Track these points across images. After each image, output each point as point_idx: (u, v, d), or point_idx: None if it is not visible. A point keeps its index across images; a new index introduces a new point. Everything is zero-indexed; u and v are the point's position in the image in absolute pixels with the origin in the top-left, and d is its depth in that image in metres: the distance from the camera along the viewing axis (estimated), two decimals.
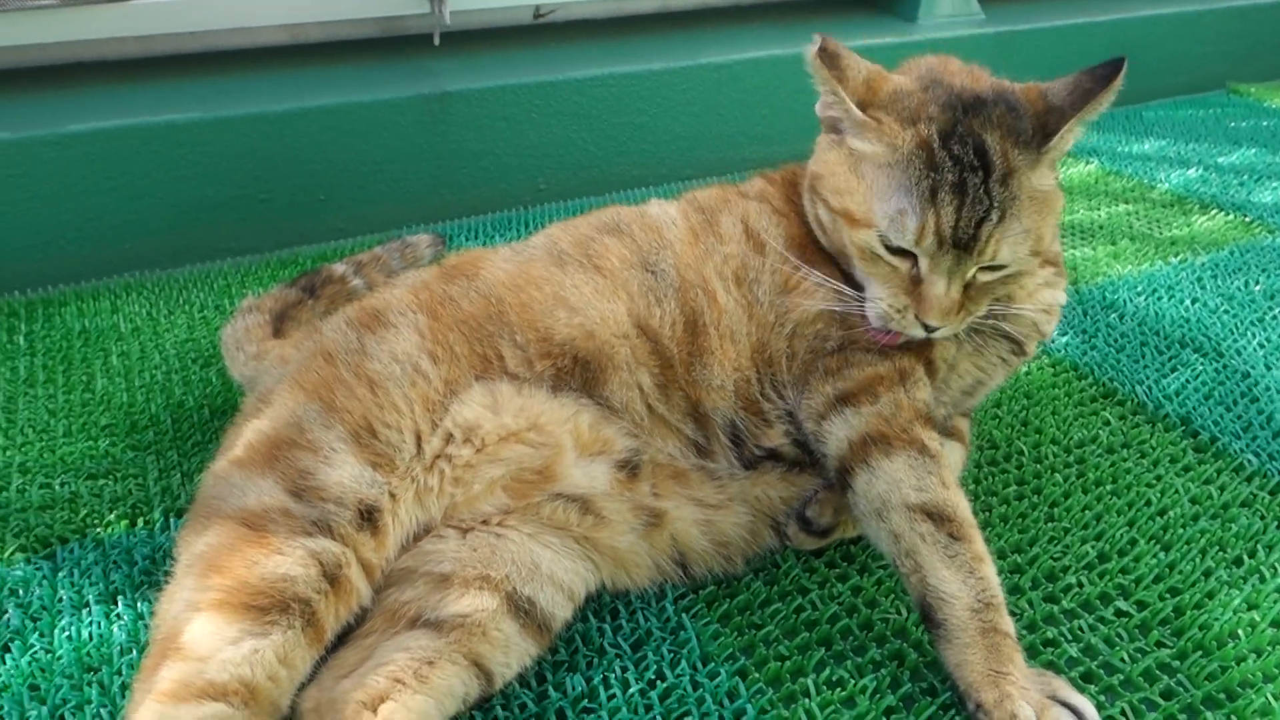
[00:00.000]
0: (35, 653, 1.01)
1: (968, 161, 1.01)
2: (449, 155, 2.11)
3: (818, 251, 1.13)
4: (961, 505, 1.00)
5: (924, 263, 1.03)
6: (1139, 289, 1.75)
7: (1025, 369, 1.51)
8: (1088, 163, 2.36)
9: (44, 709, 0.94)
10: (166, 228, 1.91)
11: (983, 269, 1.04)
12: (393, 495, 0.98)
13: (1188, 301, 1.70)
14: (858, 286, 1.10)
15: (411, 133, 2.04)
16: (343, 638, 0.96)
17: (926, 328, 1.05)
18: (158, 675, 0.83)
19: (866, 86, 1.08)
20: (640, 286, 1.12)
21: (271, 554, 0.89)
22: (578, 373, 1.08)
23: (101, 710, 0.95)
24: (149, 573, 1.11)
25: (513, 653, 0.96)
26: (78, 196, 1.84)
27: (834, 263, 1.12)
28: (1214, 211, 2.07)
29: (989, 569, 0.96)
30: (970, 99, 1.05)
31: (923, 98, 1.06)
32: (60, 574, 1.12)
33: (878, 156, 1.04)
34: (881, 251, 1.04)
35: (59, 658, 1.01)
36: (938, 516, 0.97)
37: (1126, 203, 2.14)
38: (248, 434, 1.02)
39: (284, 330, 1.34)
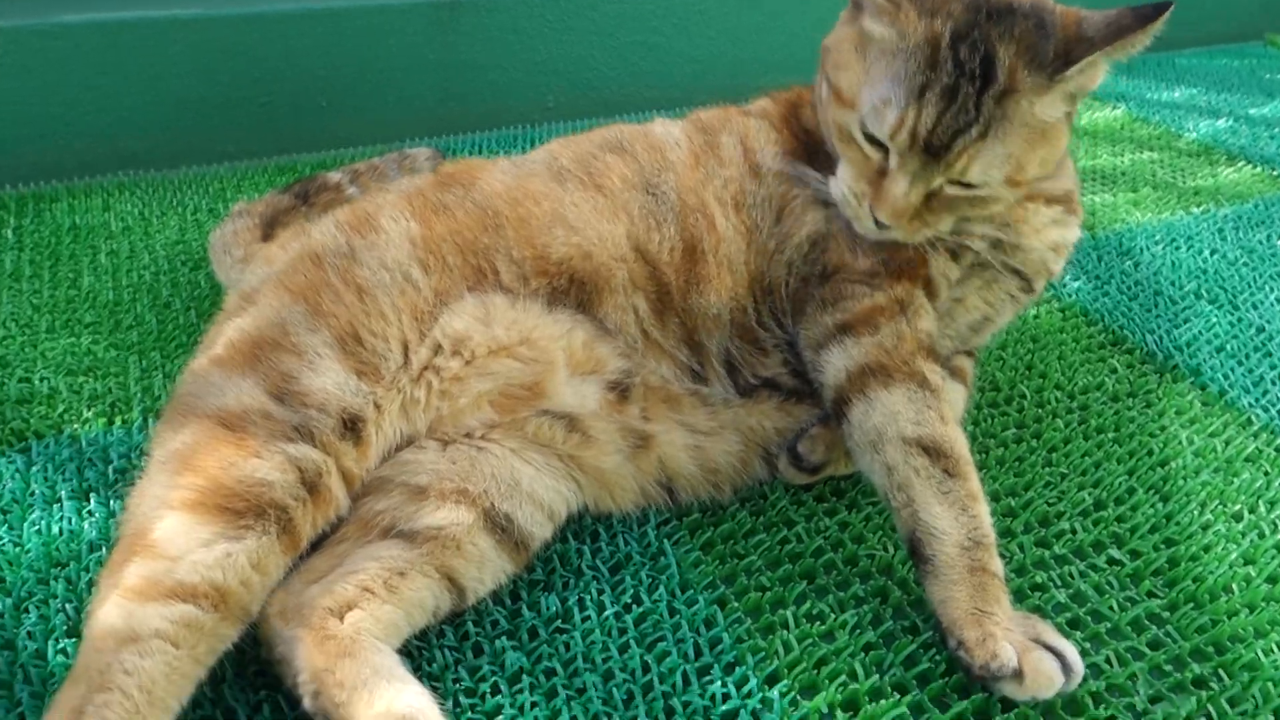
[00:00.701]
0: (2, 545, 1.00)
1: (969, 69, 0.96)
2: (456, 67, 2.04)
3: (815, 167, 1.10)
4: (959, 442, 0.97)
5: (894, 158, 1.00)
6: (1157, 238, 1.69)
7: (1033, 312, 1.46)
8: (1115, 108, 2.29)
9: (8, 601, 0.93)
10: (163, 127, 1.87)
11: (952, 183, 1.01)
12: (377, 406, 0.95)
13: (1206, 252, 1.65)
14: None
15: (419, 41, 1.98)
16: (315, 544, 0.94)
17: (877, 223, 1.02)
18: (124, 571, 0.80)
19: None
20: (641, 209, 1.08)
21: (249, 457, 0.86)
22: (573, 292, 1.05)
23: (67, 605, 0.93)
24: (124, 471, 1.09)
25: (487, 569, 0.94)
26: (72, 91, 1.79)
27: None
28: (1241, 163, 2.01)
29: (982, 508, 0.93)
30: (999, 6, 0.99)
31: None
32: (34, 468, 1.10)
33: (885, 42, 0.99)
34: (858, 136, 1.01)
35: (27, 551, 0.99)
36: (934, 451, 0.95)
37: (1152, 150, 2.08)
38: (229, 332, 0.99)
39: (274, 236, 1.30)
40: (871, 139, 1.00)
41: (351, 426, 0.93)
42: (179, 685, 0.77)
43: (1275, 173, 1.96)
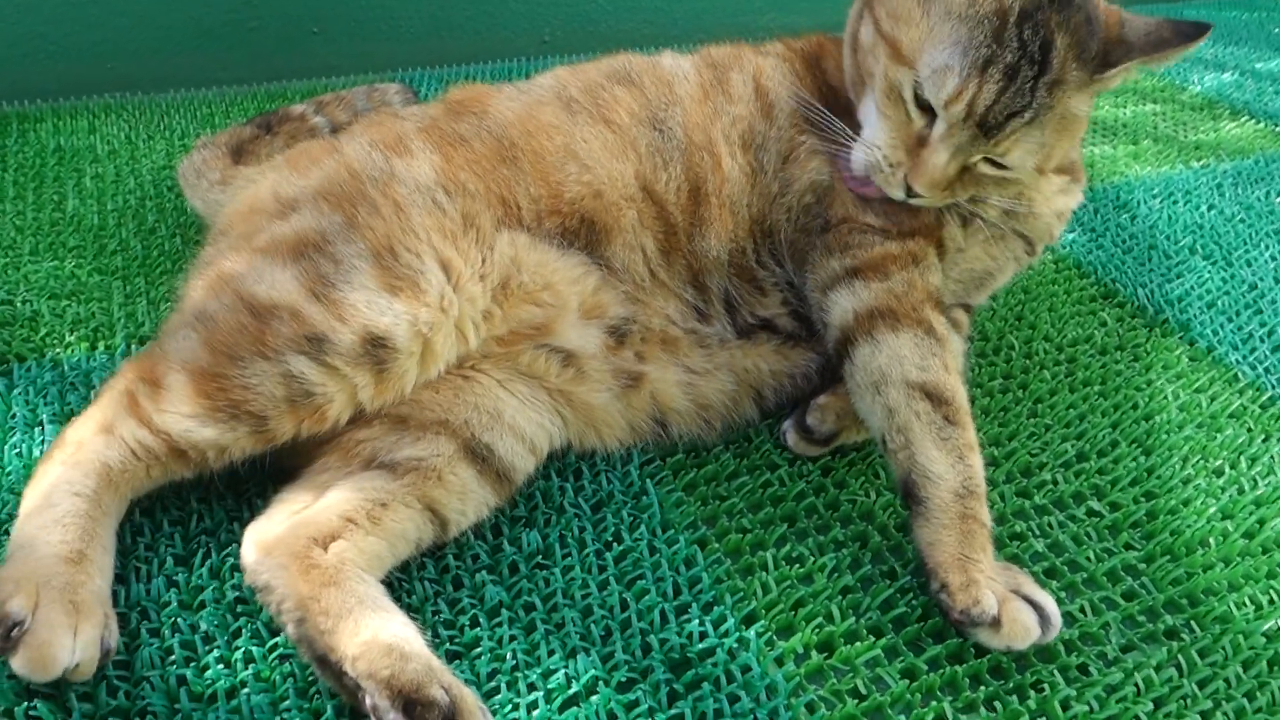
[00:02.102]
0: None
1: (1030, 52, 0.95)
2: None
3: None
4: (960, 392, 0.98)
5: (939, 128, 0.98)
6: (1155, 191, 1.68)
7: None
8: None
9: None
10: (151, 50, 1.83)
11: (986, 161, 1.00)
12: (417, 331, 0.92)
13: (1204, 208, 1.63)
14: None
15: None
16: (294, 468, 0.94)
17: (910, 191, 1.00)
18: (135, 387, 0.89)
19: None
20: (648, 147, 1.06)
21: (255, 358, 0.88)
22: (583, 233, 1.03)
23: None
24: None
25: (469, 500, 0.94)
26: (58, 9, 1.75)
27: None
28: (1244, 118, 1.99)
29: (977, 459, 0.94)
30: None
31: None
32: (15, 391, 1.09)
33: (954, 4, 0.97)
34: (908, 96, 0.99)
35: (8, 473, 0.99)
36: (936, 398, 0.95)
37: (1154, 103, 2.05)
38: (269, 233, 0.97)
39: (244, 162, 1.28)
40: (921, 103, 0.98)
41: (374, 352, 0.90)
42: (130, 477, 0.89)
43: (1278, 128, 1.94)
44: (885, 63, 1.00)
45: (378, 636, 0.79)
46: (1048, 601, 0.88)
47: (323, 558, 0.85)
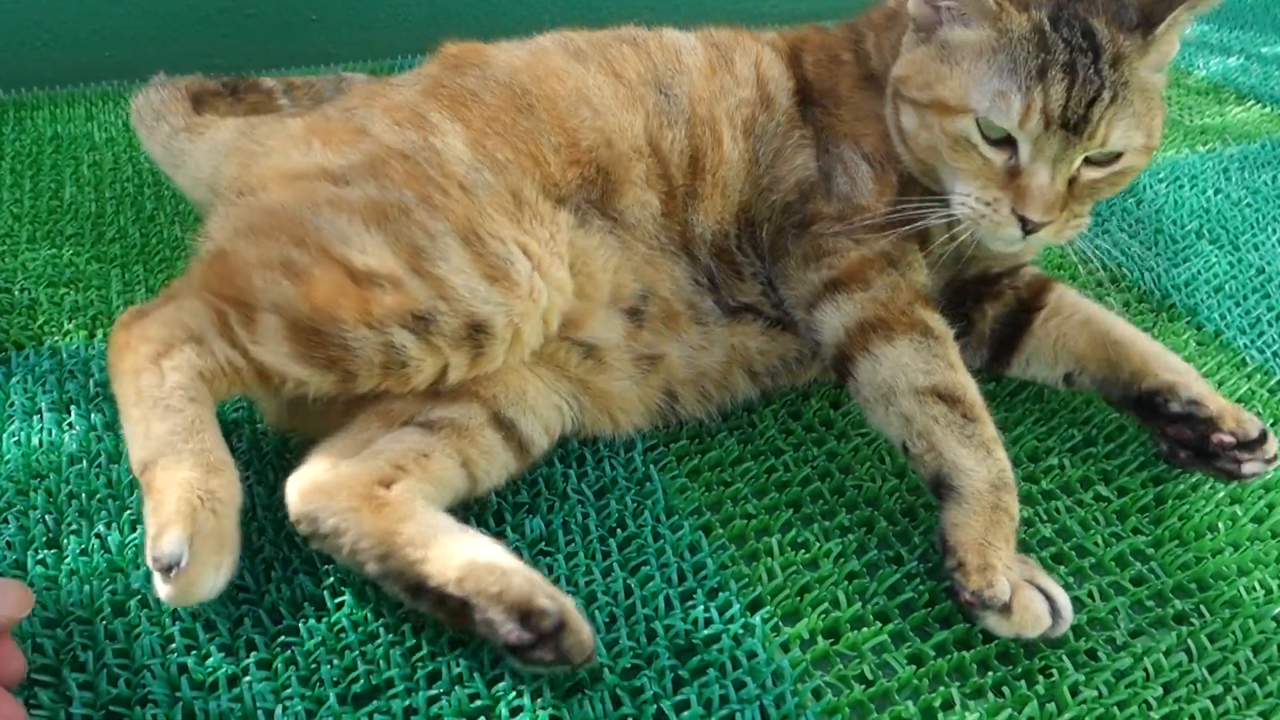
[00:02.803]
0: None
1: (1076, 44, 0.95)
2: None
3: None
4: (971, 387, 0.96)
5: (1025, 150, 0.96)
6: (1161, 176, 1.67)
7: None
8: None
9: None
10: (148, 37, 1.82)
11: (1088, 164, 0.98)
12: (511, 321, 0.92)
13: (1210, 192, 1.62)
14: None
15: None
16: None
17: (1025, 224, 0.97)
18: (223, 308, 0.89)
19: None
20: (655, 106, 1.06)
21: (359, 324, 0.88)
22: (600, 184, 1.02)
23: (46, 517, 0.92)
24: (105, 385, 1.07)
25: (495, 462, 0.96)
26: None
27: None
28: (1250, 102, 1.97)
29: (1003, 452, 0.93)
30: None
31: None
32: (13, 379, 1.08)
33: (981, 43, 0.97)
34: (977, 139, 0.98)
35: (6, 462, 0.98)
36: (949, 398, 0.94)
37: None
38: (333, 192, 0.94)
39: (200, 113, 1.25)
40: (992, 141, 0.97)
41: (474, 336, 0.91)
42: (216, 387, 0.88)
43: None
44: (938, 123, 1.00)
45: (476, 558, 0.82)
46: (1060, 594, 0.87)
47: (390, 496, 0.87)
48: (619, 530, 0.96)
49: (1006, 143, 0.97)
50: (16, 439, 1.00)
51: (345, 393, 0.91)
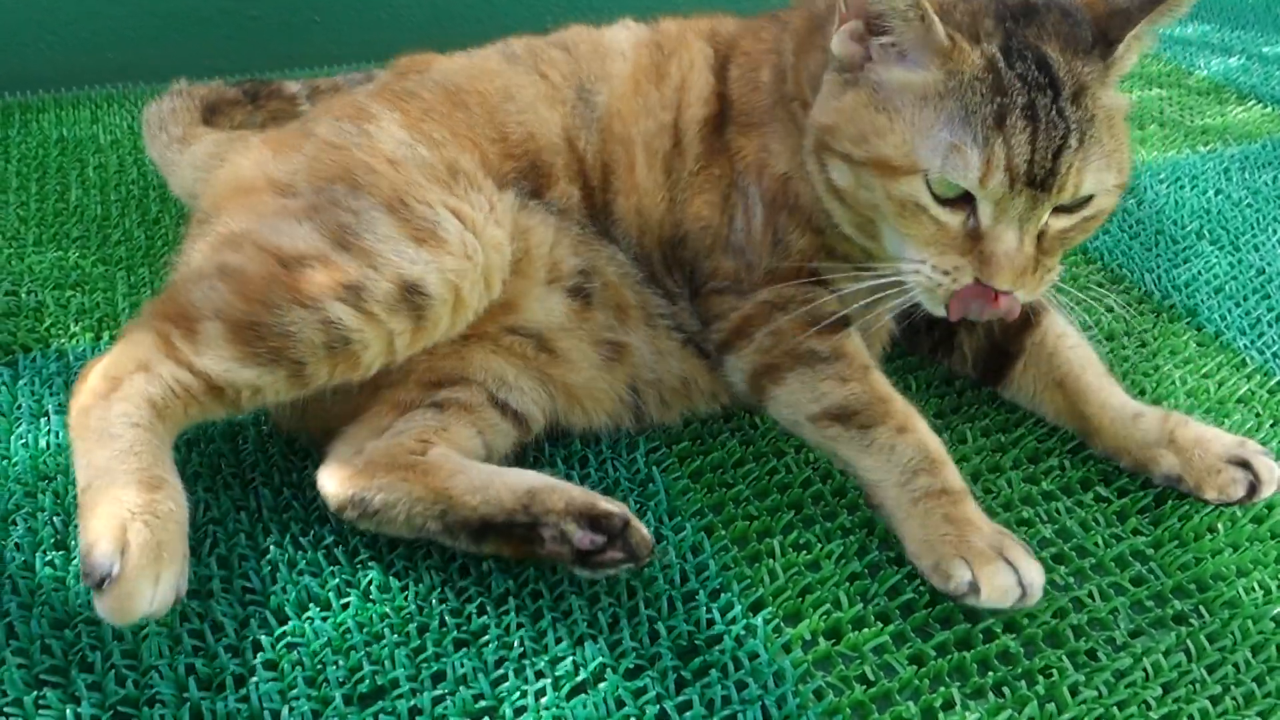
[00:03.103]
0: None
1: (1033, 80, 0.86)
2: None
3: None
4: (866, 390, 0.96)
5: (986, 210, 0.87)
6: (1161, 176, 1.67)
7: None
8: None
9: None
10: (152, 40, 1.83)
11: (1058, 212, 0.89)
12: (447, 281, 0.92)
13: (1210, 192, 1.63)
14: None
15: None
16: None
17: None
18: (169, 330, 0.89)
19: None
20: (572, 108, 1.06)
21: (291, 305, 0.88)
22: (532, 176, 1.04)
23: (54, 519, 0.93)
24: None
25: (500, 433, 1.00)
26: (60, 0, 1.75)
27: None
28: (1251, 102, 1.97)
29: (913, 435, 0.93)
30: (1019, 6, 0.90)
31: (970, 7, 0.90)
32: (20, 382, 1.09)
33: (926, 87, 0.87)
34: (928, 202, 0.88)
35: (14, 464, 0.99)
36: (841, 415, 0.95)
37: (1160, 87, 2.04)
38: (273, 204, 0.97)
39: (214, 125, 1.28)
40: (946, 200, 0.88)
41: (410, 299, 0.91)
42: (171, 413, 0.88)
43: None
44: (880, 184, 0.90)
45: (533, 484, 0.88)
46: (1027, 565, 0.87)
47: (429, 461, 0.90)
48: None
49: (963, 200, 0.88)
50: (24, 441, 1.01)
51: (300, 390, 0.91)
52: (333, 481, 0.91)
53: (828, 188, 0.96)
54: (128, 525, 0.79)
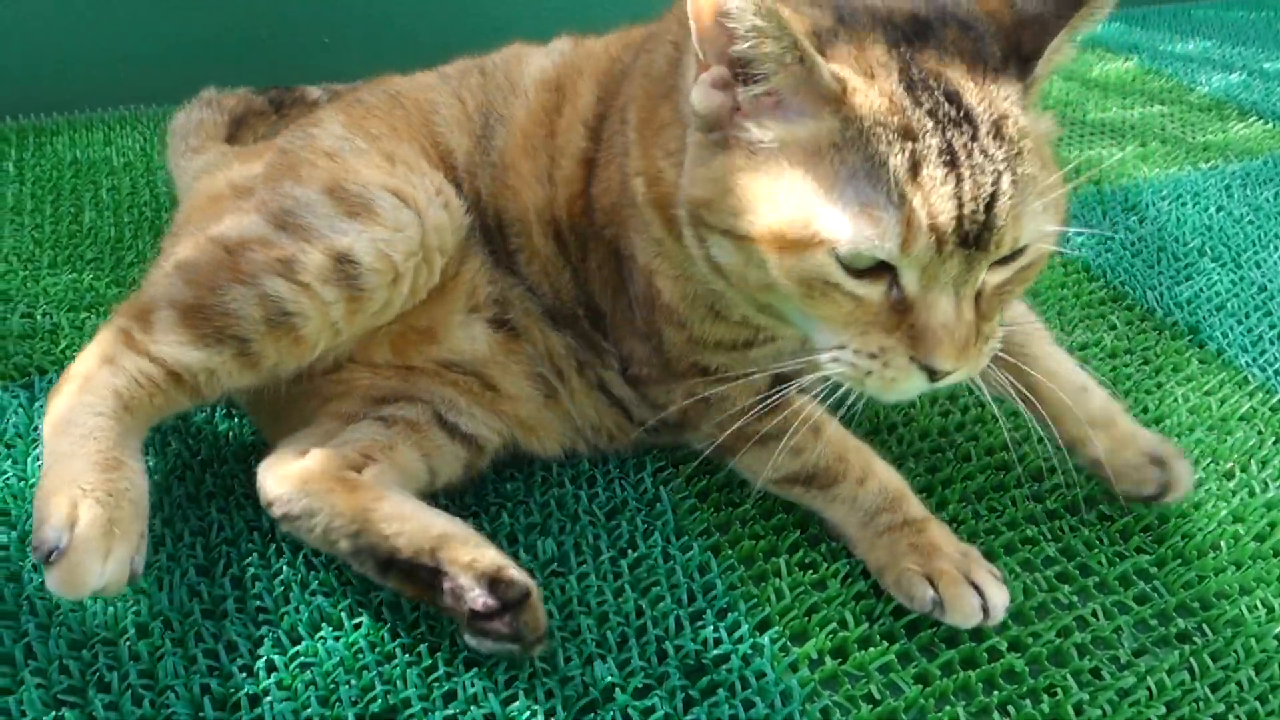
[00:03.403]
0: (7, 479, 1.01)
1: (944, 115, 0.72)
2: (460, 3, 2.02)
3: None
4: (821, 454, 0.95)
5: (911, 278, 0.73)
6: (1163, 193, 1.68)
7: None
8: (1126, 60, 2.26)
9: (13, 534, 0.95)
10: (164, 62, 1.85)
11: (995, 264, 0.76)
12: (382, 254, 0.93)
13: (1212, 209, 1.64)
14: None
15: None
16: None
17: (932, 374, 0.76)
18: (130, 324, 0.92)
19: (809, 31, 0.74)
20: (477, 143, 1.05)
21: (231, 283, 0.91)
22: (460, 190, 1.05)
23: None
24: None
25: (447, 456, 1.00)
26: (73, 23, 1.77)
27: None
28: (1253, 119, 1.99)
29: (873, 481, 0.95)
30: (908, 23, 0.76)
31: (854, 33, 0.75)
32: (37, 403, 1.11)
33: (818, 140, 0.73)
34: (839, 278, 0.73)
35: (31, 485, 1.00)
36: (801, 479, 0.97)
37: (1162, 104, 2.06)
38: (232, 208, 1.01)
39: (239, 138, 1.31)
40: (859, 270, 0.74)
41: (342, 268, 0.92)
42: (139, 404, 0.90)
43: None
44: (776, 261, 0.75)
45: (449, 530, 0.87)
46: (992, 588, 0.88)
47: (362, 479, 0.91)
48: (630, 551, 0.97)
49: (881, 269, 0.74)
50: (41, 463, 1.03)
51: (253, 372, 0.93)
52: (269, 476, 0.92)
53: (708, 264, 0.82)
54: (79, 501, 0.80)
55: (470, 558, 0.84)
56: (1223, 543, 1.01)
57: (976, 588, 0.88)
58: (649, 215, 0.89)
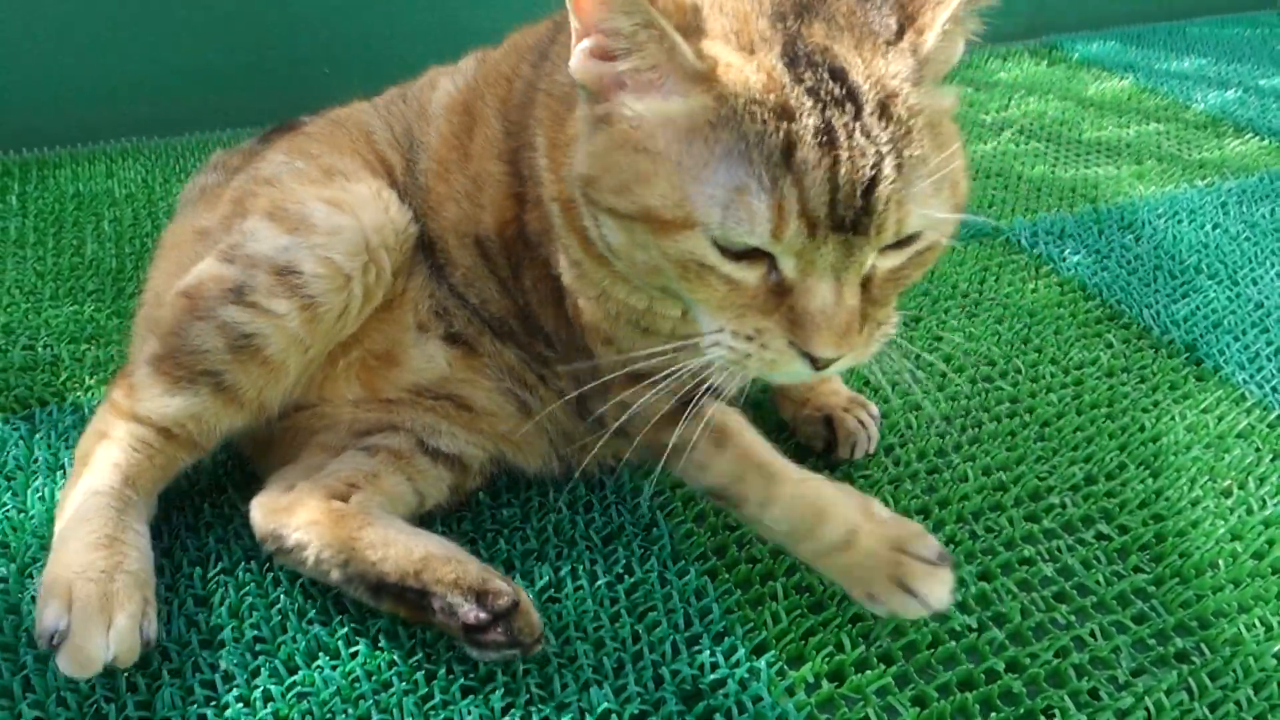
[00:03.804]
0: (7, 511, 1.01)
1: (827, 94, 0.68)
2: (461, 33, 2.03)
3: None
4: (725, 470, 0.90)
5: (788, 264, 0.70)
6: (1159, 211, 1.69)
7: (1031, 286, 1.46)
8: (1122, 78, 2.27)
9: (12, 566, 0.95)
10: (166, 93, 1.87)
11: (887, 249, 0.72)
12: (327, 262, 0.94)
13: (1209, 227, 1.64)
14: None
15: (422, 6, 1.97)
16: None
17: (814, 362, 0.73)
18: (116, 392, 0.97)
19: (676, 5, 0.71)
20: (406, 161, 1.07)
21: (193, 321, 0.93)
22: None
23: None
24: None
25: (432, 479, 1.01)
26: (75, 56, 1.79)
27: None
28: (1248, 136, 1.99)
29: (776, 508, 0.89)
30: None
31: (739, 6, 0.73)
32: (37, 435, 1.12)
33: (691, 118, 0.70)
34: (714, 260, 0.71)
35: (31, 517, 1.01)
36: (716, 494, 0.93)
37: (1158, 122, 2.06)
38: (186, 254, 1.05)
39: None
40: (738, 254, 0.71)
41: (287, 279, 0.93)
42: (140, 471, 0.93)
43: None
44: (654, 242, 0.73)
45: (431, 550, 0.88)
46: (924, 587, 0.84)
47: (347, 508, 0.93)
48: (626, 576, 0.97)
49: (758, 252, 0.71)
50: (41, 495, 1.03)
51: (236, 408, 0.94)
52: (259, 512, 0.94)
53: (608, 249, 0.80)
54: (73, 584, 0.82)
55: (454, 576, 0.86)
56: (1221, 561, 1.01)
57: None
58: (567, 239, 0.89)
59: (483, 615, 0.84)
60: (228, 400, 0.94)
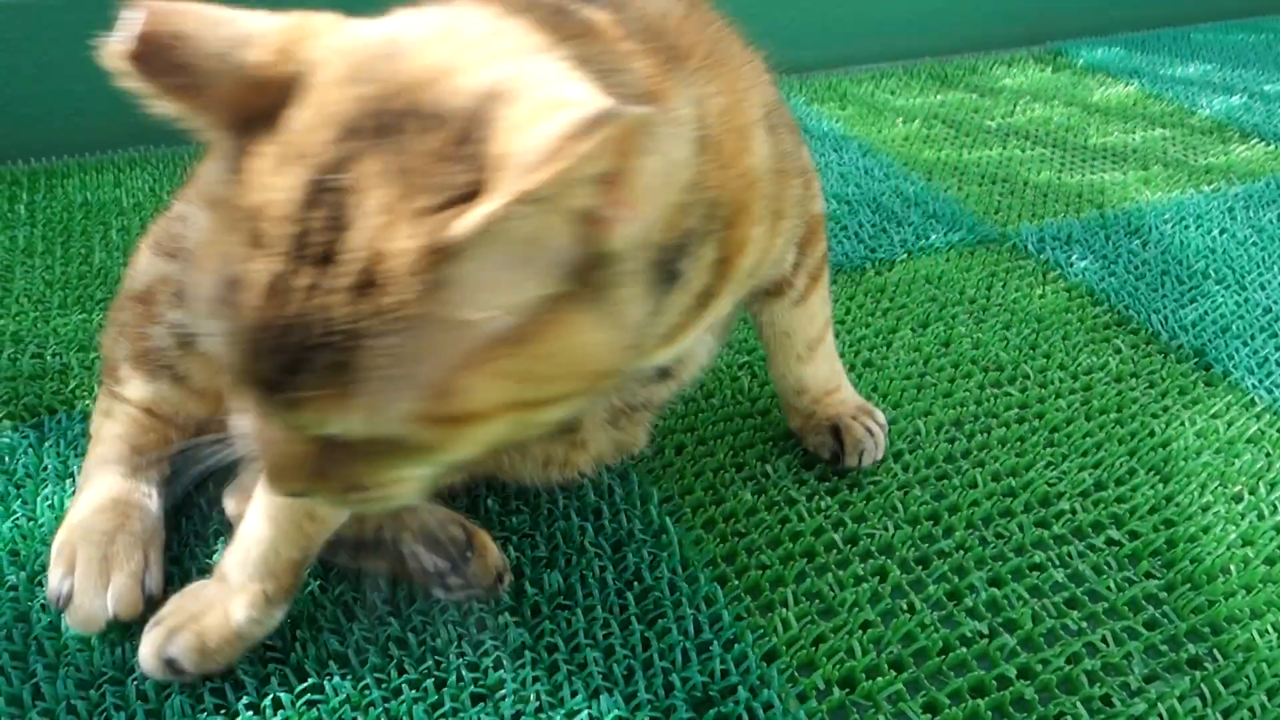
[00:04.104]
0: (17, 519, 1.01)
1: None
2: None
3: None
4: None
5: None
6: (1166, 216, 1.69)
7: (1039, 292, 1.46)
8: (1127, 84, 2.27)
9: (22, 574, 0.95)
10: None
11: None
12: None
13: (1216, 232, 1.64)
14: None
15: None
16: None
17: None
18: (106, 381, 1.04)
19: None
20: None
21: (152, 325, 0.98)
22: None
23: None
24: None
25: None
26: (84, 65, 1.79)
27: None
28: (1254, 141, 1.99)
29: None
30: None
31: None
32: (46, 443, 1.12)
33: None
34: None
35: (40, 525, 1.01)
36: None
37: (1164, 127, 2.06)
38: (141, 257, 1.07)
39: None
40: None
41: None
42: (139, 441, 0.99)
43: None
44: None
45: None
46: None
47: None
48: (636, 583, 0.97)
49: None
50: (50, 502, 1.03)
51: (197, 398, 0.98)
52: (231, 500, 0.97)
53: None
54: (77, 547, 0.89)
55: (416, 524, 0.89)
56: (1232, 566, 1.01)
57: None
58: None
59: (441, 562, 0.89)
60: (184, 385, 0.99)
